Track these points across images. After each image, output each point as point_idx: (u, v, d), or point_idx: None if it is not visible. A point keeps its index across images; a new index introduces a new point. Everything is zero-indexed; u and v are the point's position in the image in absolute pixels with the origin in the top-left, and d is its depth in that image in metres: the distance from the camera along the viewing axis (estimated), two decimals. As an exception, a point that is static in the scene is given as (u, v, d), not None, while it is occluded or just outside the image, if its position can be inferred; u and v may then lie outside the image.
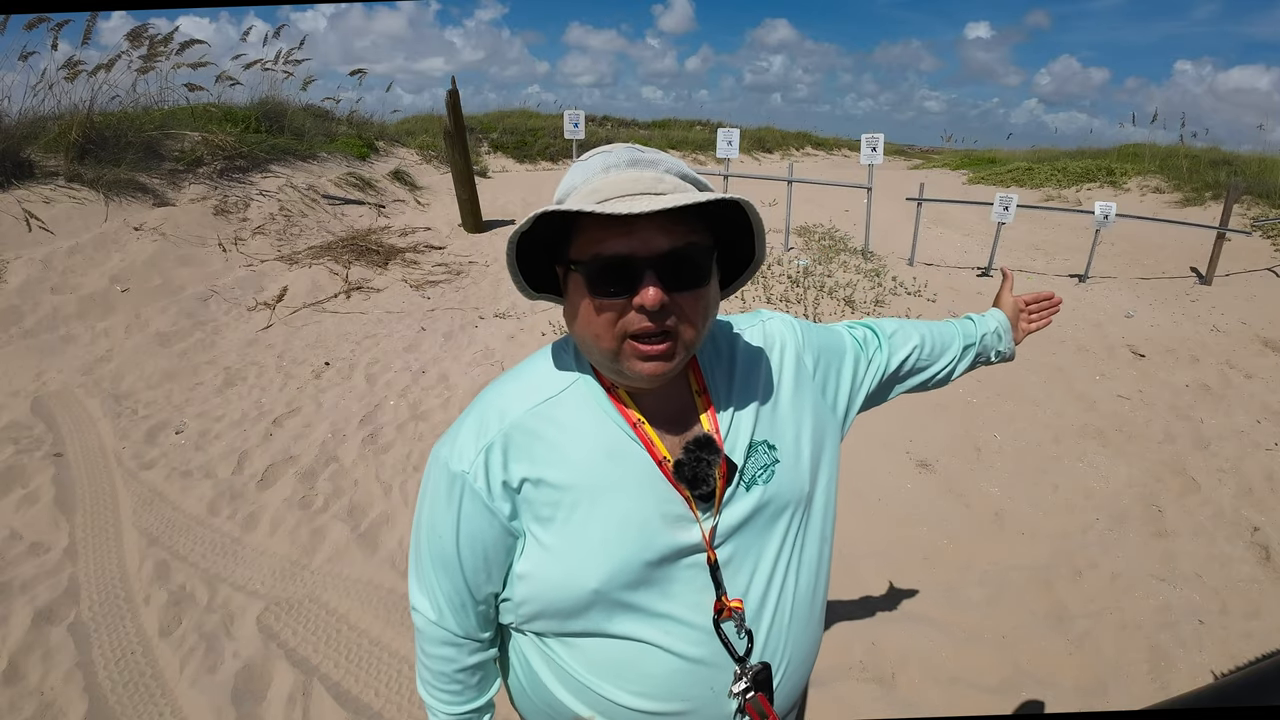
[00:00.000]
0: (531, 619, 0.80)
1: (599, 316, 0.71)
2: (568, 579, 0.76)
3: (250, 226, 6.71)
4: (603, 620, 0.77)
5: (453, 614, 0.83)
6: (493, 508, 0.77)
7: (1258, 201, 9.39)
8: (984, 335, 1.16)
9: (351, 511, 2.93)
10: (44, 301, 4.72)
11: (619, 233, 0.69)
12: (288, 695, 2.04)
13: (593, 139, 15.95)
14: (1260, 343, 5.18)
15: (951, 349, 1.11)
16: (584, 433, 0.77)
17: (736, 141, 7.83)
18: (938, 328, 1.12)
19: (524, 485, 0.76)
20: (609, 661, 0.78)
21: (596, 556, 0.75)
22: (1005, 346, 1.18)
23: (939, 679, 2.16)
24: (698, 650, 0.78)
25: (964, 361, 1.14)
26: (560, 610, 0.77)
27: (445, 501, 0.79)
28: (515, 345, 4.80)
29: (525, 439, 0.77)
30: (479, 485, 0.77)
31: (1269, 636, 2.34)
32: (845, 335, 1.00)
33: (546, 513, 0.76)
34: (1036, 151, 17.45)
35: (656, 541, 0.76)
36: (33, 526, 2.68)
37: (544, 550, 0.77)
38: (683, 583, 0.77)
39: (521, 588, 0.79)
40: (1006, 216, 6.91)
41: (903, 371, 1.05)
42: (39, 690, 2.00)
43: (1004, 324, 1.19)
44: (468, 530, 0.78)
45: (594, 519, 0.75)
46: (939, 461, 3.47)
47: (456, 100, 7.66)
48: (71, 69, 7.02)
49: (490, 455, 0.77)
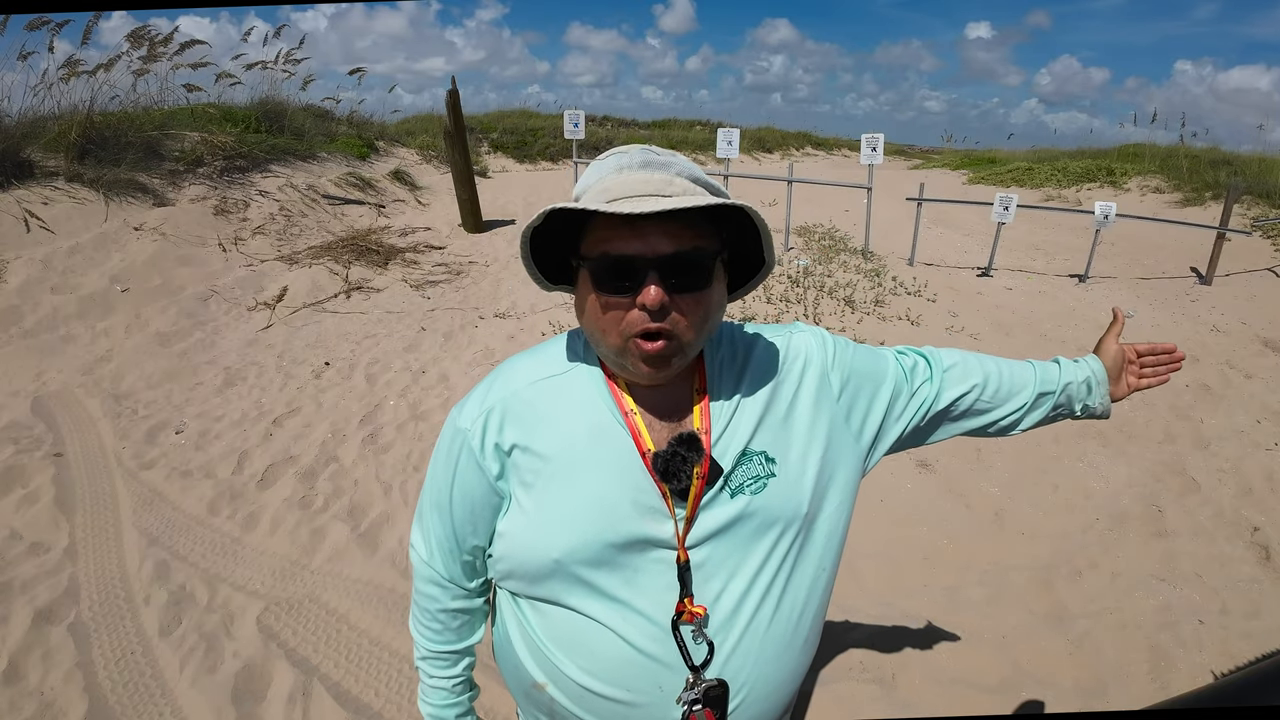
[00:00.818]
0: (505, 576, 0.85)
1: (605, 314, 0.74)
2: (534, 543, 0.79)
3: (250, 226, 6.71)
4: (562, 591, 0.79)
5: (441, 557, 0.89)
6: (483, 465, 0.81)
7: (1258, 201, 9.39)
8: (1068, 385, 1.00)
9: (351, 511, 2.93)
10: (44, 301, 4.72)
11: (626, 233, 0.71)
12: (288, 695, 2.04)
13: (592, 139, 15.94)
14: (1260, 343, 5.18)
15: (1022, 394, 0.98)
16: (575, 411, 0.81)
17: (736, 141, 7.84)
18: (1010, 367, 1.00)
19: (514, 450, 0.81)
20: (566, 634, 0.80)
21: (561, 528, 0.78)
22: (1097, 402, 1.01)
23: (939, 679, 2.16)
24: (652, 646, 0.77)
25: (1037, 411, 1.00)
26: (526, 573, 0.81)
27: (446, 453, 0.86)
28: (515, 345, 4.79)
29: (522, 408, 0.82)
30: (475, 443, 0.82)
31: (1269, 636, 2.34)
32: (890, 361, 0.93)
33: (529, 479, 0.80)
34: (1036, 151, 17.45)
35: (622, 527, 0.77)
36: (33, 526, 2.68)
37: (522, 513, 0.81)
38: (649, 575, 0.78)
39: (499, 544, 0.84)
40: (1006, 216, 6.91)
41: (956, 410, 0.95)
42: (39, 690, 2.00)
43: (1099, 375, 1.01)
44: (460, 482, 0.84)
45: (567, 492, 0.78)
46: (939, 461, 3.47)
47: (456, 100, 7.66)
48: (71, 69, 7.02)
49: (489, 418, 0.82)
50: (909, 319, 5.50)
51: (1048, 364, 1.03)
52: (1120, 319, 1.07)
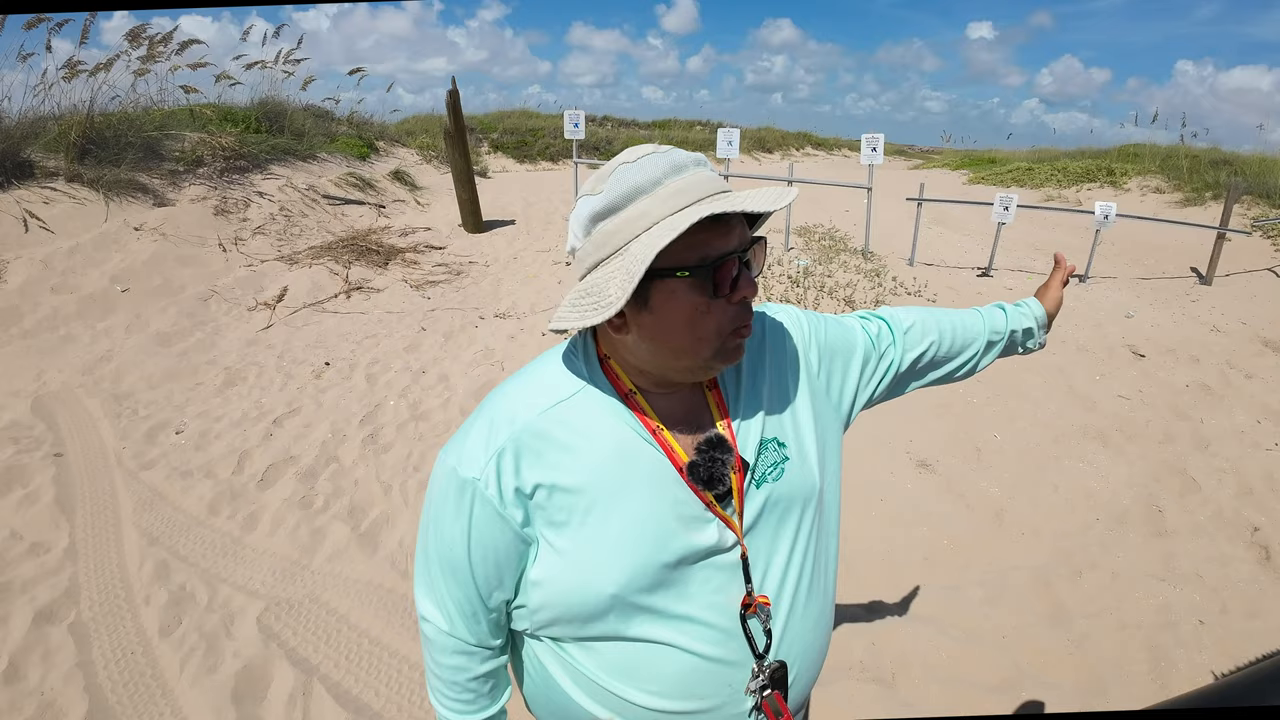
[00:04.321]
0: (547, 625, 0.79)
1: (712, 319, 0.71)
2: (584, 584, 0.75)
3: (250, 226, 6.71)
4: (620, 624, 0.76)
5: (464, 622, 0.82)
6: (505, 515, 0.75)
7: (1258, 201, 9.39)
8: (1013, 331, 1.09)
9: (351, 511, 2.93)
10: (44, 301, 4.72)
11: (720, 233, 0.70)
12: (288, 695, 2.04)
13: (593, 139, 15.95)
14: (1260, 343, 5.18)
15: (975, 344, 1.06)
16: (596, 435, 0.76)
17: (737, 142, 7.83)
18: (961, 320, 1.07)
19: (537, 490, 0.75)
20: (626, 663, 0.78)
21: (613, 560, 0.74)
22: (1037, 343, 1.12)
23: (939, 679, 2.16)
24: (716, 649, 0.77)
25: (989, 356, 1.08)
26: (577, 615, 0.76)
27: (455, 509, 0.77)
28: (515, 345, 4.80)
29: (537, 443, 0.75)
30: (490, 492, 0.75)
31: (1269, 636, 2.33)
32: (857, 330, 0.97)
33: (560, 517, 0.75)
34: (1037, 151, 17.45)
35: (672, 543, 0.75)
36: (33, 526, 2.68)
37: (559, 556, 0.75)
38: (700, 583, 0.77)
39: (536, 594, 0.78)
40: (1007, 217, 6.91)
41: (919, 367, 1.01)
42: (39, 690, 2.00)
43: (1041, 319, 1.11)
44: (479, 538, 0.77)
45: (609, 522, 0.74)
46: (939, 461, 3.47)
47: (457, 100, 7.67)
48: (71, 69, 7.02)
49: (501, 461, 0.75)
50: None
51: (993, 311, 1.10)
52: (1063, 264, 1.14)
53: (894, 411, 3.98)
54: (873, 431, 3.74)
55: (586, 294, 0.72)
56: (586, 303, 0.71)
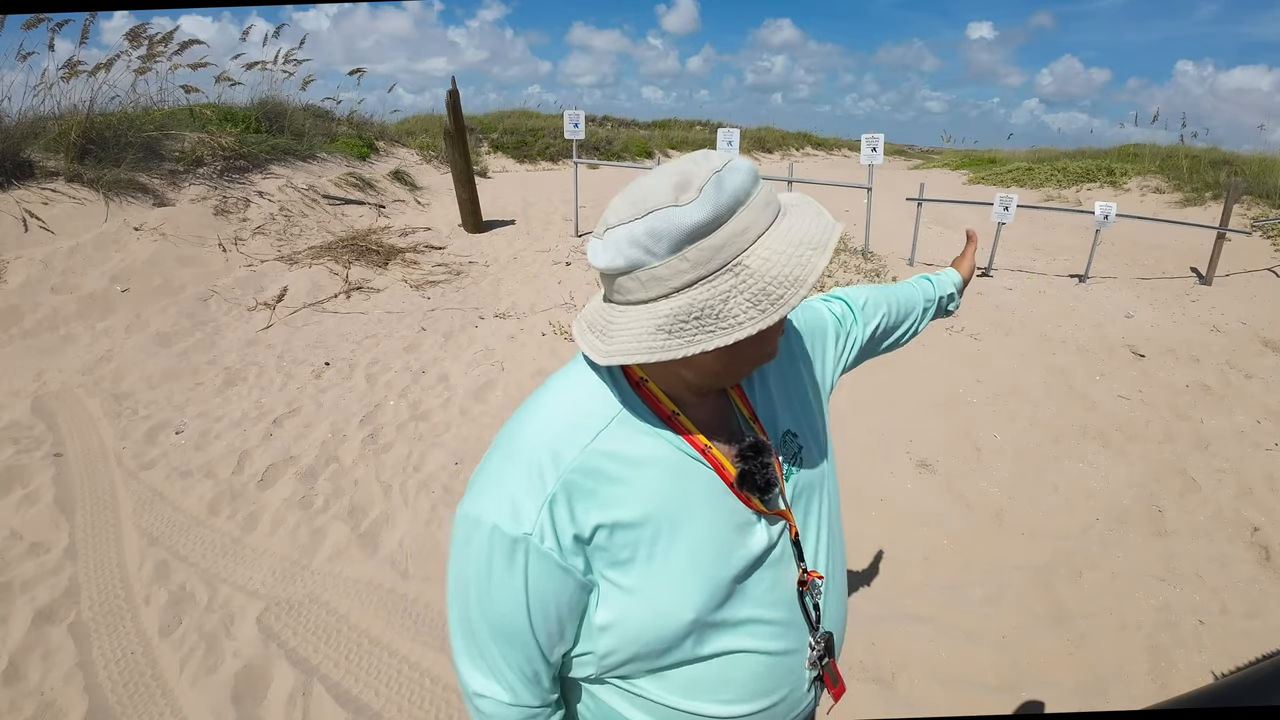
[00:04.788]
0: (620, 665, 0.76)
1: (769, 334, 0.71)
2: (661, 616, 0.72)
3: (250, 226, 6.71)
4: (696, 645, 0.75)
5: (527, 688, 0.76)
6: (566, 566, 0.70)
7: (1258, 201, 9.38)
8: (940, 297, 1.24)
9: (351, 511, 2.93)
10: (44, 301, 4.72)
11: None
12: (288, 695, 2.04)
13: (592, 139, 15.95)
14: (1260, 343, 5.18)
15: (915, 310, 1.19)
16: (646, 463, 0.72)
17: (736, 142, 7.83)
18: (901, 292, 1.18)
19: (596, 533, 0.70)
20: (701, 681, 0.77)
21: (687, 586, 0.72)
22: (956, 306, 1.29)
23: (939, 679, 2.16)
24: (780, 643, 0.80)
25: (925, 320, 1.22)
26: (654, 649, 0.74)
27: (505, 572, 0.70)
28: (515, 345, 4.80)
29: (589, 482, 0.70)
30: (548, 545, 0.69)
31: (1269, 636, 2.34)
32: (824, 311, 1.02)
33: (624, 555, 0.71)
34: (1036, 151, 17.43)
35: (735, 555, 0.76)
36: (33, 526, 2.68)
37: (626, 594, 0.72)
38: (756, 583, 0.78)
39: (606, 639, 0.74)
40: (1006, 217, 6.91)
41: (876, 336, 1.10)
42: (39, 690, 2.00)
43: (959, 284, 1.28)
44: (538, 595, 0.71)
45: (675, 550, 0.72)
46: (939, 461, 3.47)
47: (457, 100, 7.66)
48: (71, 69, 7.02)
49: (555, 509, 0.69)
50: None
51: (922, 281, 1.24)
52: (974, 239, 1.37)
53: (894, 411, 3.98)
54: (873, 431, 3.74)
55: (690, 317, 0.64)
56: (692, 326, 0.64)
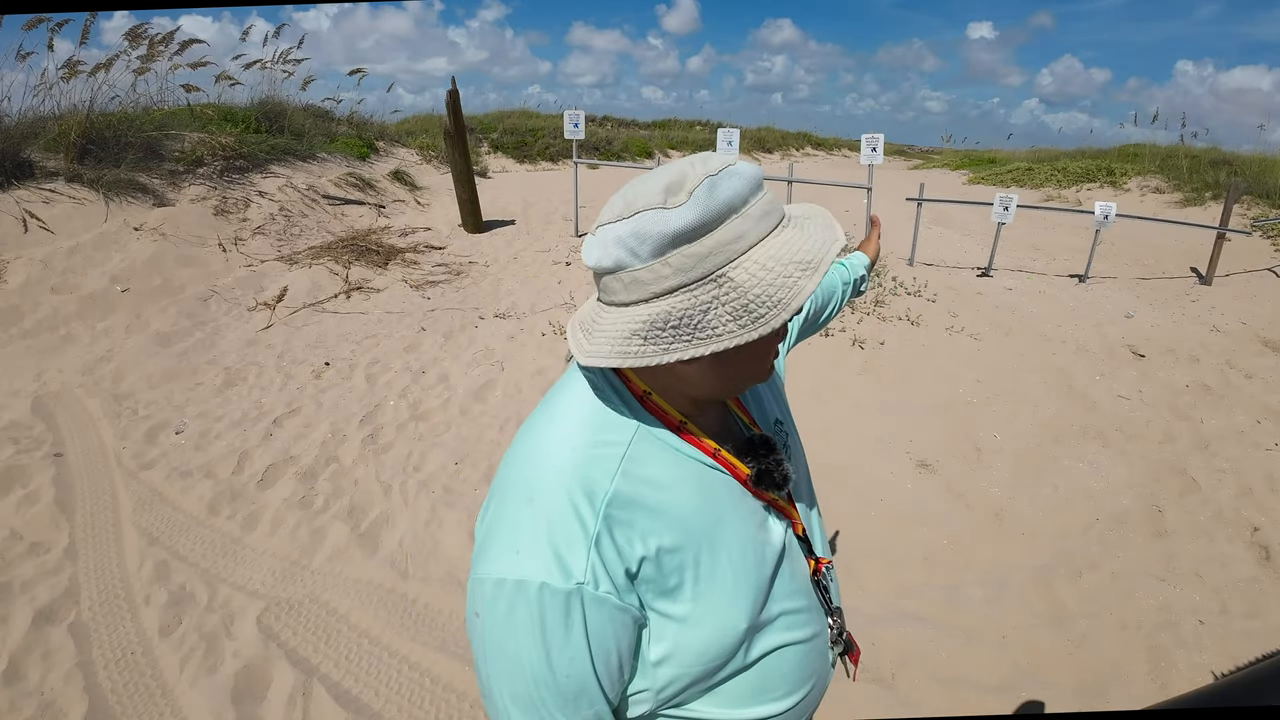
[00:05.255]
0: (676, 695, 0.73)
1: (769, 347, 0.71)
2: (717, 635, 0.71)
3: (250, 226, 6.71)
4: (746, 652, 0.75)
5: None
6: (624, 605, 0.66)
7: (1258, 201, 9.38)
8: (855, 280, 1.35)
9: (351, 511, 2.93)
10: (44, 301, 4.72)
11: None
12: (288, 695, 2.04)
13: (593, 139, 15.96)
14: (1260, 343, 5.18)
15: (836, 294, 1.29)
16: (674, 481, 0.70)
17: (736, 142, 7.83)
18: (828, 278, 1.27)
19: (643, 565, 0.66)
20: (751, 687, 0.76)
21: (736, 597, 0.72)
22: (867, 283, 1.42)
23: (939, 679, 2.16)
24: (809, 629, 0.81)
25: (844, 301, 1.32)
26: (712, 669, 0.72)
27: (564, 629, 0.63)
28: (515, 345, 4.80)
29: (626, 514, 0.66)
30: (604, 590, 0.64)
31: (1269, 636, 2.34)
32: None
33: (673, 581, 0.68)
34: (1036, 151, 17.44)
35: (766, 553, 0.77)
36: (33, 526, 2.68)
37: (679, 624, 0.69)
38: (785, 578, 0.79)
39: (664, 671, 0.70)
40: (1006, 217, 6.91)
41: (808, 320, 1.20)
42: (39, 690, 2.00)
43: (868, 265, 1.41)
44: (601, 645, 0.65)
45: (719, 564, 0.71)
46: (939, 461, 3.47)
47: (457, 100, 7.66)
48: (71, 69, 7.01)
49: (602, 550, 0.64)
50: (909, 319, 5.50)
51: (838, 267, 1.34)
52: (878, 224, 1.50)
53: (894, 411, 3.98)
54: (873, 431, 3.74)
55: (666, 324, 0.63)
56: (669, 335, 0.63)
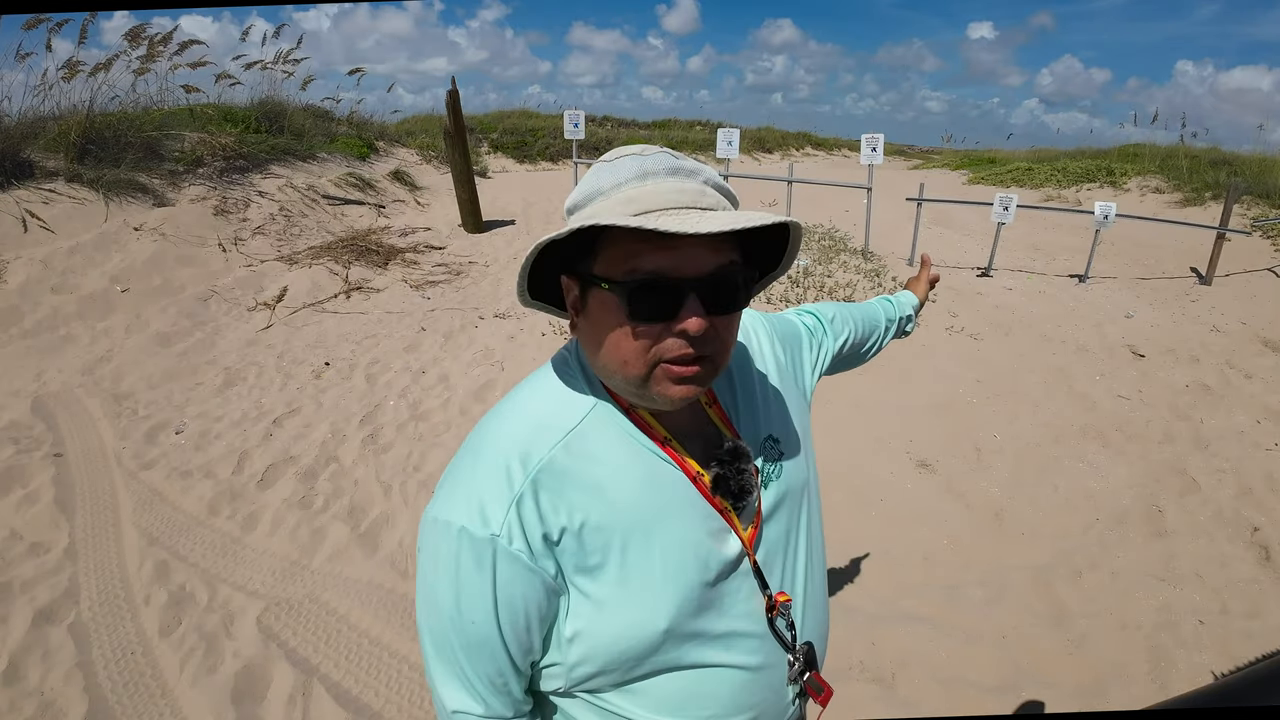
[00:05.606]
0: (589, 678, 0.73)
1: (633, 341, 0.64)
2: (633, 627, 0.70)
3: (250, 227, 6.71)
4: (669, 657, 0.72)
5: (499, 699, 0.73)
6: (536, 568, 0.67)
7: (1258, 201, 9.38)
8: (900, 318, 1.28)
9: (351, 511, 2.93)
10: (44, 301, 4.72)
11: (661, 248, 0.62)
12: (288, 695, 2.04)
13: (592, 139, 15.94)
14: (1260, 343, 5.18)
15: (878, 329, 1.22)
16: (617, 464, 0.70)
17: (736, 142, 7.84)
18: (865, 311, 1.21)
19: (564, 535, 0.68)
20: (673, 696, 0.74)
21: (661, 594, 0.70)
22: (914, 325, 1.33)
23: (939, 679, 2.16)
24: (757, 657, 0.76)
25: (887, 338, 1.25)
26: (625, 661, 0.71)
27: (475, 574, 0.67)
28: (515, 345, 4.80)
29: (557, 483, 0.68)
30: (517, 546, 0.66)
31: (1269, 636, 2.34)
32: (798, 322, 1.04)
33: (594, 560, 0.69)
34: (1036, 151, 17.45)
35: (710, 561, 0.73)
36: (33, 526, 2.68)
37: (596, 604, 0.69)
38: (732, 595, 0.75)
39: (575, 650, 0.71)
40: (1006, 217, 6.91)
41: (843, 352, 1.12)
42: (39, 690, 2.00)
43: (915, 306, 1.33)
44: (508, 601, 0.68)
45: (649, 555, 0.70)
46: (939, 461, 3.47)
47: (456, 100, 7.67)
48: (71, 69, 7.01)
49: (522, 510, 0.67)
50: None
51: (884, 302, 1.28)
52: (928, 264, 1.38)
53: (894, 411, 3.98)
54: (873, 431, 3.74)
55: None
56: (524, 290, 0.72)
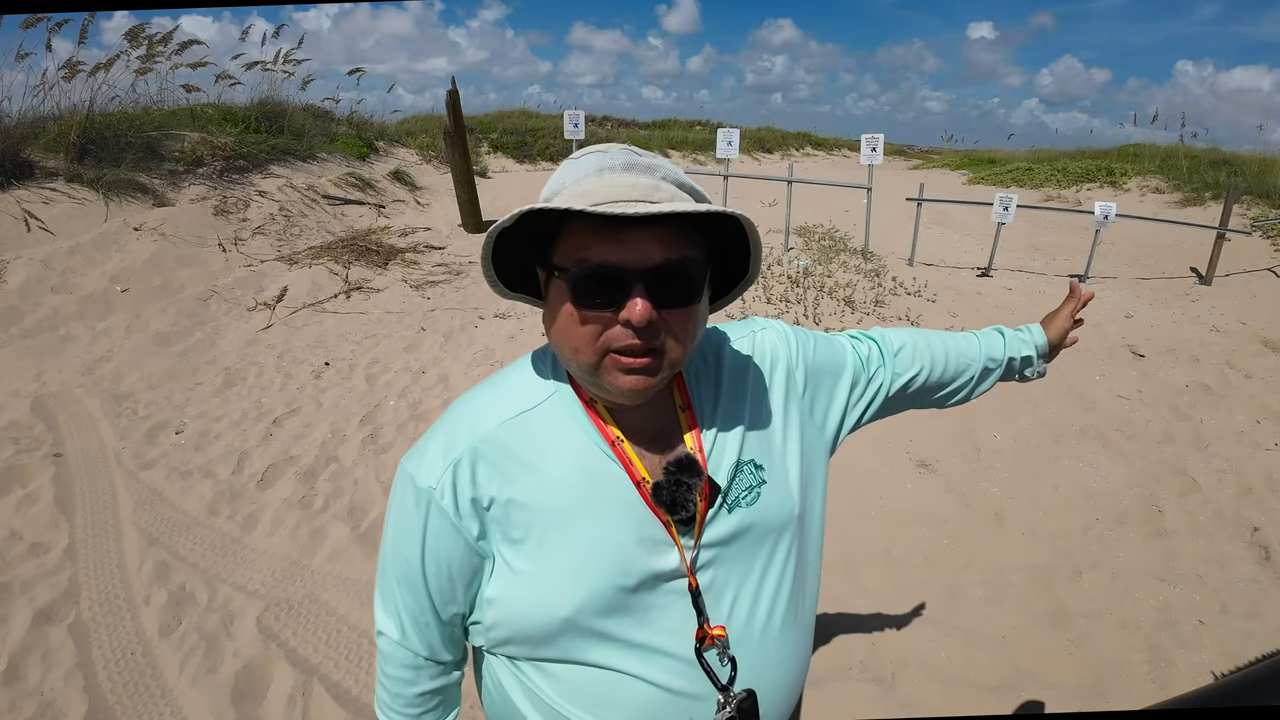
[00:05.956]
0: (501, 643, 0.77)
1: (581, 328, 0.66)
2: (538, 606, 0.72)
3: (250, 226, 6.71)
4: (576, 648, 0.73)
5: (417, 633, 0.79)
6: (460, 527, 0.72)
7: (1258, 201, 9.39)
8: (1011, 359, 1.07)
9: (351, 511, 2.93)
10: (44, 301, 4.72)
11: (608, 239, 0.64)
12: (288, 695, 2.04)
13: (592, 139, 15.94)
14: (1260, 343, 5.18)
15: (968, 370, 1.03)
16: (559, 450, 0.73)
17: (736, 142, 7.84)
18: (956, 344, 1.04)
19: (493, 504, 0.72)
20: (584, 690, 0.75)
21: (568, 583, 0.71)
22: (1036, 373, 1.10)
23: (939, 679, 2.16)
24: (677, 681, 0.74)
25: (984, 384, 1.06)
26: (531, 637, 0.74)
27: (412, 518, 0.74)
28: (515, 345, 4.80)
29: (496, 455, 0.72)
30: (445, 503, 0.72)
31: (1269, 636, 2.34)
32: (847, 350, 0.94)
33: (518, 534, 0.72)
34: (1036, 152, 17.45)
35: (633, 567, 0.72)
36: (33, 526, 2.68)
37: (514, 574, 0.73)
38: (661, 610, 0.73)
39: (491, 612, 0.75)
40: (1006, 217, 6.91)
41: (910, 391, 0.98)
42: (39, 690, 2.00)
43: (1042, 348, 1.09)
44: (433, 548, 0.74)
45: (566, 543, 0.71)
46: (939, 461, 3.47)
47: (456, 100, 7.66)
48: (71, 69, 7.01)
49: (458, 471, 0.72)
50: (909, 319, 5.50)
51: (991, 336, 1.08)
52: (1077, 294, 1.11)
53: (894, 411, 3.98)
54: (873, 431, 3.72)
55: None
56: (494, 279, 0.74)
